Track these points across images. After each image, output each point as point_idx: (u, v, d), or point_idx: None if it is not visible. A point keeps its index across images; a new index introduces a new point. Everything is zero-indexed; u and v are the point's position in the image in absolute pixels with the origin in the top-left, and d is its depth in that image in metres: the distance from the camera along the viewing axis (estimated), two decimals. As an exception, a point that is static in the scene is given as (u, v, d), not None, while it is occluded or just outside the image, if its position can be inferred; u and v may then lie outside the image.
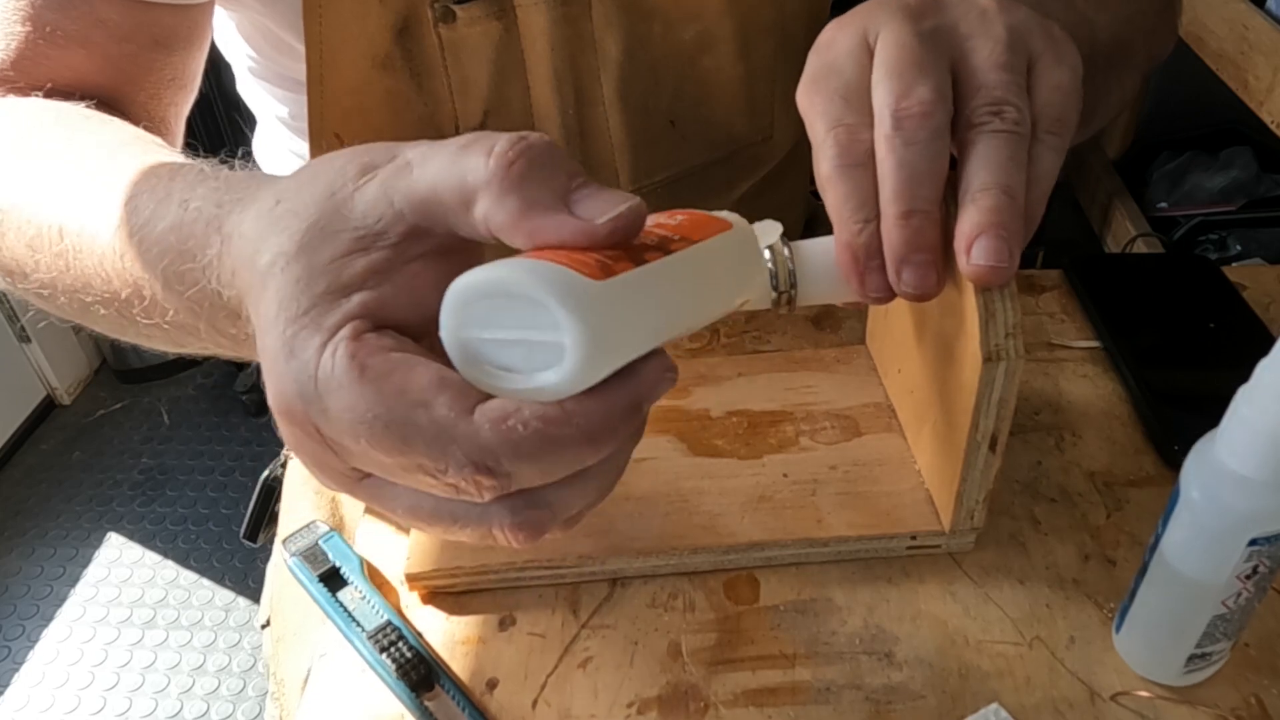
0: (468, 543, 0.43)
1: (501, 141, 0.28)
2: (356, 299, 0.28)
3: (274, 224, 0.30)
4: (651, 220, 0.32)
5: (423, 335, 0.30)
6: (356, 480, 0.30)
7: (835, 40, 0.39)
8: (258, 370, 0.35)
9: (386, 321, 0.29)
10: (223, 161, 0.40)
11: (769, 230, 0.38)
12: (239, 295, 0.32)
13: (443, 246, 0.30)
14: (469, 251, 0.31)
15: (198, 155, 0.42)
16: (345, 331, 0.28)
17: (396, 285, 0.29)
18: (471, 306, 0.28)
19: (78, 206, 0.40)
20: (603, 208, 0.28)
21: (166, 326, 0.38)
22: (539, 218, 0.28)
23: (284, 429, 0.30)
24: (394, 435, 0.27)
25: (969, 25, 0.37)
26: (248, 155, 0.79)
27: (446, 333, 0.28)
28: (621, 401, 0.28)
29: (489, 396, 0.27)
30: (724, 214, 0.35)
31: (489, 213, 0.28)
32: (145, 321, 0.39)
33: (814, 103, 0.38)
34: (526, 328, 0.27)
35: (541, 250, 0.28)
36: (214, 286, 0.33)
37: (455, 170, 0.29)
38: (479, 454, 0.27)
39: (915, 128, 0.35)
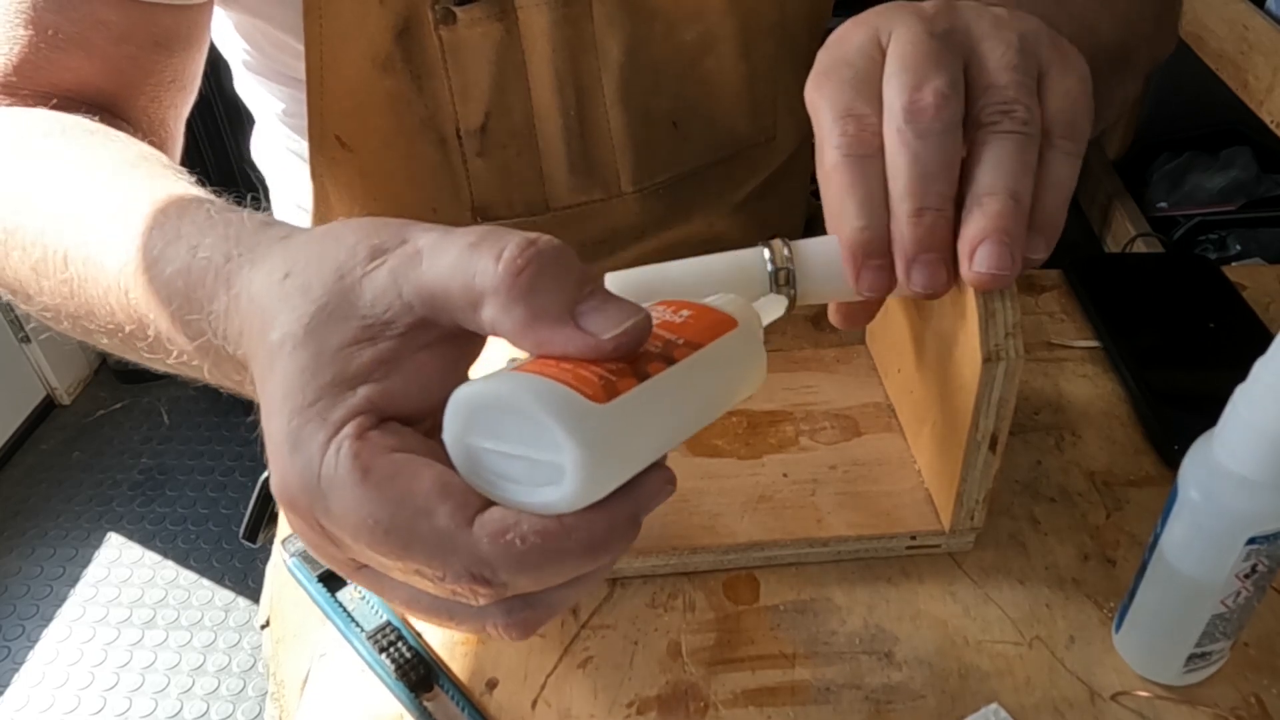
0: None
1: (511, 246, 0.28)
2: (362, 392, 0.28)
3: (282, 299, 0.30)
4: (656, 316, 0.32)
5: (426, 420, 0.30)
6: (356, 569, 0.31)
7: (847, 37, 0.39)
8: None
9: (391, 413, 0.29)
10: (218, 193, 0.40)
11: (773, 306, 0.38)
12: (246, 355, 0.32)
13: (449, 335, 0.30)
14: (475, 339, 0.31)
15: (197, 155, 0.42)
16: (350, 429, 0.28)
17: (403, 375, 0.29)
18: (475, 416, 0.28)
19: (84, 234, 0.40)
20: (609, 323, 0.28)
21: (171, 362, 0.38)
22: (545, 330, 0.28)
23: (287, 516, 0.30)
24: (394, 541, 0.27)
25: (982, 30, 0.37)
26: (248, 161, 0.79)
27: (450, 437, 0.28)
28: (621, 516, 0.28)
29: (489, 503, 0.28)
30: (730, 305, 0.35)
31: (496, 319, 0.28)
32: (150, 355, 0.39)
33: (822, 93, 0.38)
34: (529, 444, 0.27)
35: (547, 359, 0.28)
36: (219, 341, 0.33)
37: (464, 270, 0.28)
38: (477, 565, 0.27)
39: (929, 121, 0.35)
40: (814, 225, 0.82)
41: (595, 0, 0.57)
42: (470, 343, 0.31)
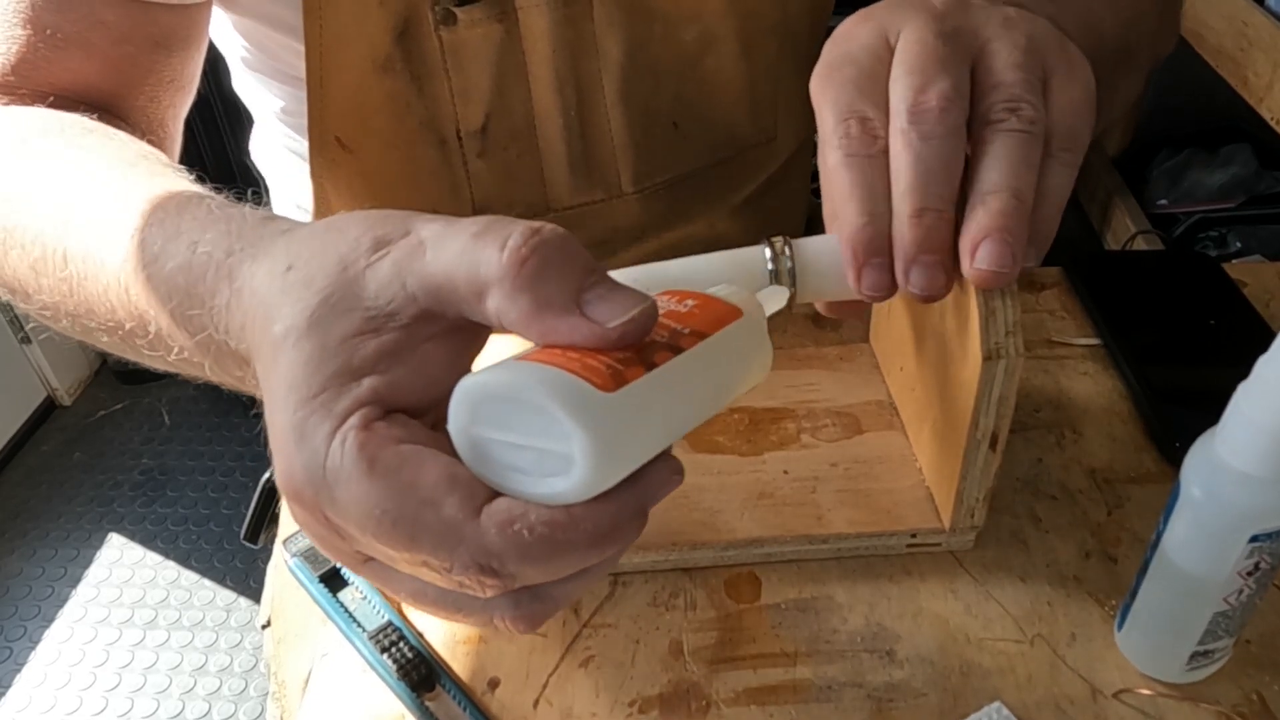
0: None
1: (515, 235, 0.28)
2: (367, 383, 0.28)
3: (285, 291, 0.30)
4: (662, 305, 0.32)
5: (431, 411, 0.30)
6: (362, 562, 0.30)
7: (854, 33, 0.38)
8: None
9: (397, 404, 0.29)
10: (218, 190, 0.40)
11: (775, 297, 0.38)
12: (248, 349, 0.32)
13: (454, 326, 0.30)
14: (479, 330, 0.31)
15: (196, 154, 0.42)
16: (355, 420, 0.27)
17: (407, 367, 0.29)
18: (481, 406, 0.28)
19: (83, 232, 0.40)
20: (615, 311, 0.28)
21: (172, 359, 0.37)
22: (551, 319, 0.28)
23: (292, 508, 0.30)
24: (401, 532, 0.27)
25: (991, 29, 0.37)
26: (247, 160, 0.79)
27: (455, 428, 0.28)
28: (629, 506, 0.28)
29: (496, 494, 0.27)
30: (734, 295, 0.35)
31: (501, 308, 0.28)
32: (150, 353, 0.38)
33: (826, 90, 0.37)
34: (536, 435, 0.27)
35: (552, 348, 0.28)
36: (220, 336, 0.33)
37: (469, 260, 0.28)
38: (484, 556, 0.27)
39: (933, 123, 0.35)
40: (815, 225, 0.82)
41: (595, 1, 0.57)
42: (475, 334, 0.31)
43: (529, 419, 0.27)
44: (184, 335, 0.35)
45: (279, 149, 0.71)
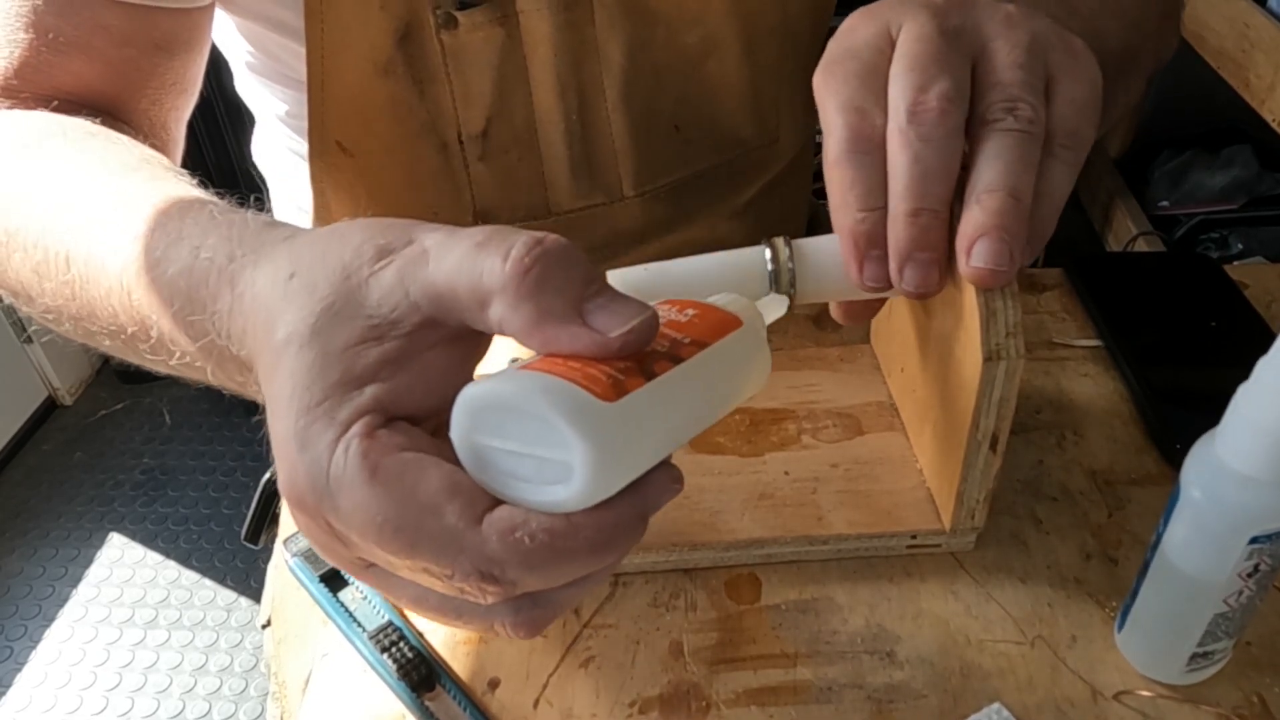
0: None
1: (518, 245, 0.28)
2: (369, 392, 0.28)
3: (288, 298, 0.30)
4: (662, 315, 0.32)
5: (432, 419, 0.30)
6: (363, 568, 0.31)
7: (856, 28, 0.38)
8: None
9: (398, 412, 0.29)
10: (220, 194, 0.40)
11: (775, 306, 0.38)
12: (250, 355, 0.32)
13: (456, 334, 0.30)
14: (481, 338, 0.31)
15: (198, 156, 0.42)
16: (358, 428, 0.28)
17: (410, 375, 0.29)
18: (483, 415, 0.28)
19: (86, 235, 0.40)
20: (617, 320, 0.28)
21: (173, 363, 0.38)
22: (553, 328, 0.28)
23: (294, 515, 0.30)
24: (403, 539, 0.27)
25: (993, 27, 0.37)
26: (250, 162, 0.79)
27: (457, 436, 0.28)
28: (628, 514, 0.28)
29: (498, 501, 0.28)
30: (734, 304, 0.35)
31: (504, 317, 0.28)
32: (152, 357, 0.38)
33: (828, 83, 0.38)
34: (537, 443, 0.27)
35: (554, 358, 0.28)
36: (222, 341, 0.33)
37: (472, 269, 0.28)
38: (485, 564, 0.27)
39: (932, 124, 0.35)
40: (816, 228, 0.82)
41: (597, 4, 0.57)
42: (477, 342, 0.31)
43: (530, 428, 0.27)
44: (186, 340, 0.35)
45: (281, 150, 0.71)
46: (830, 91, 0.37)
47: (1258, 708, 0.40)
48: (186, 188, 0.41)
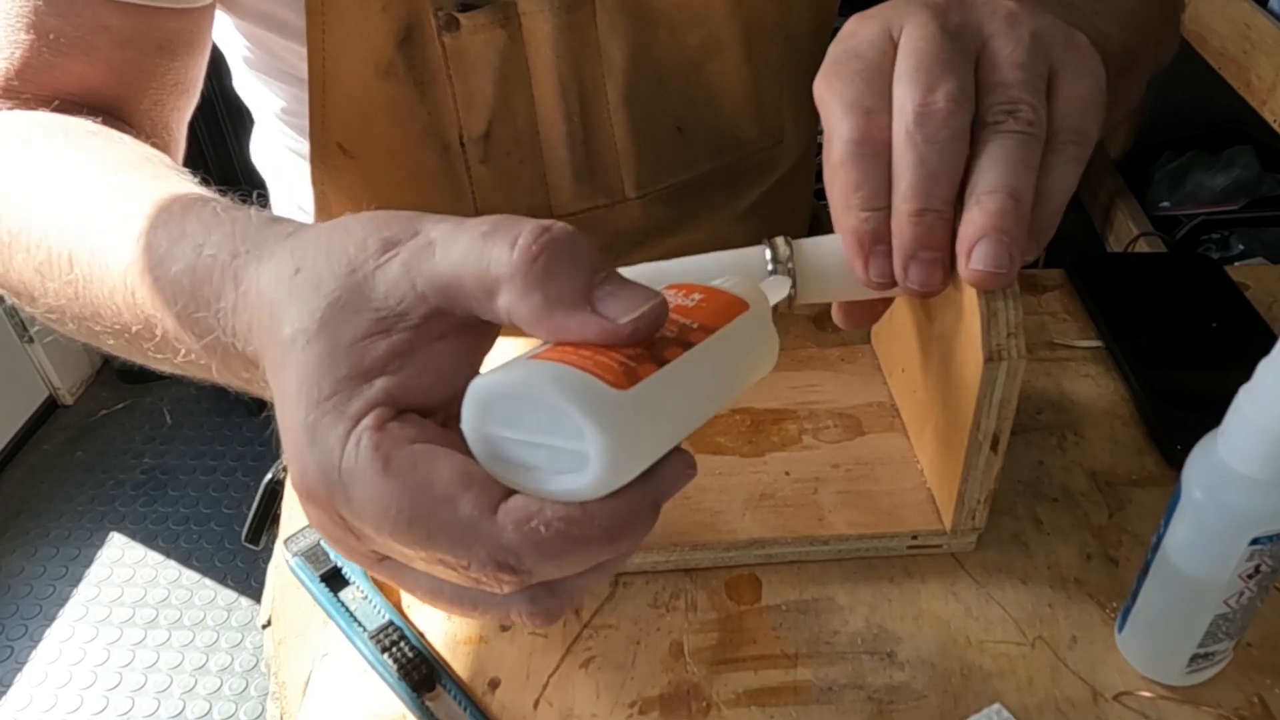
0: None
1: (525, 233, 0.28)
2: (379, 384, 0.28)
3: (293, 294, 0.30)
4: (669, 300, 0.32)
5: (441, 411, 0.30)
6: (377, 561, 0.31)
7: (858, 30, 0.39)
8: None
9: (408, 405, 0.29)
10: (222, 192, 0.40)
11: (778, 286, 0.38)
12: (256, 351, 0.32)
13: (464, 325, 0.30)
14: (489, 328, 0.31)
15: (199, 155, 0.42)
16: (369, 420, 0.28)
17: (419, 367, 0.29)
18: (494, 405, 0.28)
19: (89, 235, 0.40)
20: (626, 307, 0.28)
21: (178, 361, 0.38)
22: (562, 316, 0.28)
23: (306, 509, 0.30)
24: (417, 531, 0.27)
25: (994, 25, 0.37)
26: (250, 161, 0.79)
27: (469, 427, 0.28)
28: (643, 501, 0.28)
29: (511, 491, 0.28)
30: (738, 286, 0.35)
31: (512, 306, 0.28)
32: (156, 355, 0.38)
33: (832, 85, 0.38)
34: (550, 433, 0.27)
35: (564, 346, 0.28)
36: (227, 338, 0.33)
37: (479, 258, 0.28)
38: (501, 553, 0.27)
39: (938, 126, 0.35)
40: (819, 229, 0.82)
41: (598, 6, 0.57)
42: (485, 332, 0.31)
43: (543, 417, 0.27)
44: (190, 338, 0.35)
45: (280, 149, 0.71)
46: (835, 93, 0.37)
47: (1258, 709, 0.40)
48: (188, 185, 0.41)
